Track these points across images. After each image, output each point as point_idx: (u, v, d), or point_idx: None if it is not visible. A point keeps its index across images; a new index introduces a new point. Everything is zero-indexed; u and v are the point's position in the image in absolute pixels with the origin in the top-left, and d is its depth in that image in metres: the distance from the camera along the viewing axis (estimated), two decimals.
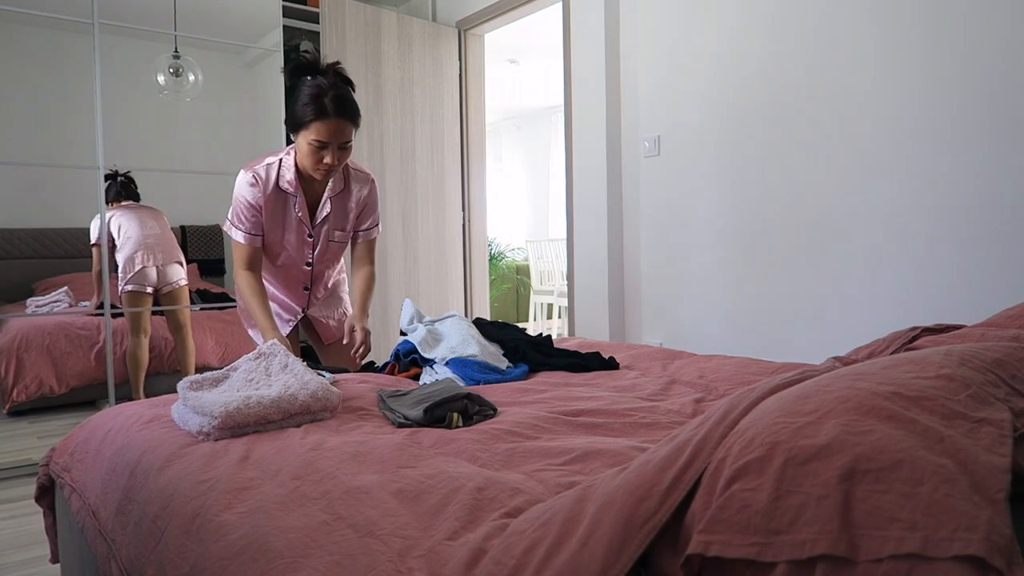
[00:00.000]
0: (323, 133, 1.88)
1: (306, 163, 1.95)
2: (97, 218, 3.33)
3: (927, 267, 2.24)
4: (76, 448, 1.55)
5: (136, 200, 3.48)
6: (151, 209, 3.51)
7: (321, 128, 1.88)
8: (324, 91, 1.87)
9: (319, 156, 1.92)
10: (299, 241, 2.13)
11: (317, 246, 2.16)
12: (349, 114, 1.91)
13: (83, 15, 3.04)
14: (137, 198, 3.49)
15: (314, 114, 1.87)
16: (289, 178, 2.03)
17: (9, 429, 3.21)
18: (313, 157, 1.92)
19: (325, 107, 1.87)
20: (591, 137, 3.36)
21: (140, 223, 3.43)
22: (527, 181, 8.77)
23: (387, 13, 4.00)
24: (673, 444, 0.78)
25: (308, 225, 2.11)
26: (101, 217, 3.18)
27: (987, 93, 2.09)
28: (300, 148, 1.94)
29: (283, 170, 2.03)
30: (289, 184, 2.03)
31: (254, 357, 1.61)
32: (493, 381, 1.80)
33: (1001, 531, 0.53)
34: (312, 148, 1.91)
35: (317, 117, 1.87)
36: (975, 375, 0.75)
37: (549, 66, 6.46)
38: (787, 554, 0.60)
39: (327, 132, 1.88)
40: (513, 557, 0.75)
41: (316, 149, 1.91)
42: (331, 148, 1.91)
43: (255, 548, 0.88)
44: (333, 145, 1.91)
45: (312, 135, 1.89)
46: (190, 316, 3.58)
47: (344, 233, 2.18)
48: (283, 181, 2.03)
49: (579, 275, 3.48)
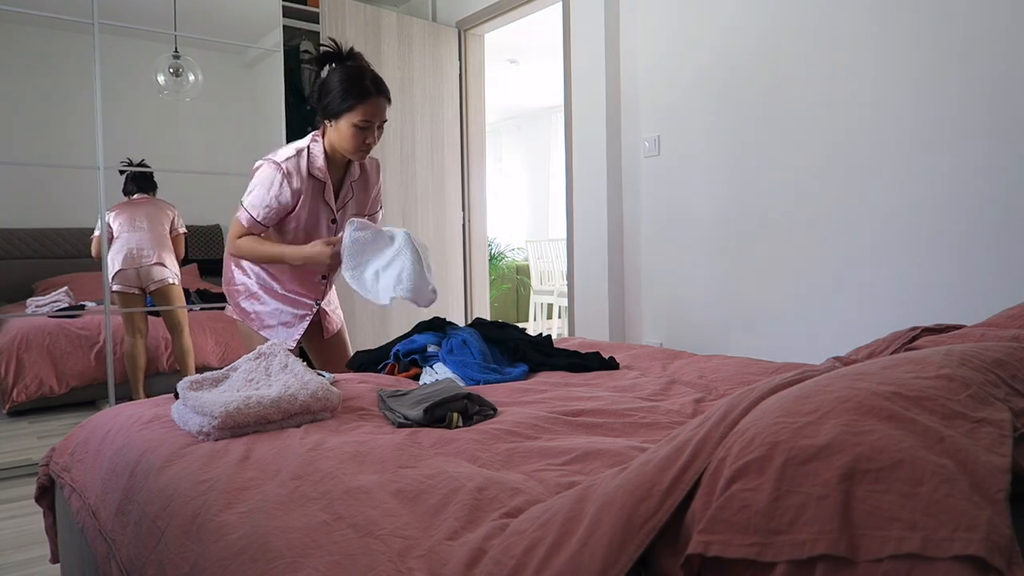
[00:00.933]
0: (369, 113, 1.96)
1: (348, 146, 2.01)
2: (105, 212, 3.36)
3: (927, 267, 2.24)
4: (76, 448, 1.55)
5: (152, 193, 3.50)
6: (154, 205, 3.50)
7: (367, 108, 1.96)
8: (363, 73, 1.97)
9: (362, 137, 1.99)
10: (325, 227, 2.17)
11: (340, 231, 2.18)
12: (387, 93, 2.02)
13: (83, 15, 3.04)
14: (153, 190, 3.50)
15: (358, 96, 1.95)
16: (320, 165, 2.07)
17: (9, 429, 3.21)
18: (356, 139, 1.99)
19: (367, 88, 1.96)
20: (591, 137, 3.36)
21: (132, 223, 3.42)
22: (527, 181, 8.77)
23: (387, 13, 4.00)
24: (673, 444, 0.78)
25: (334, 211, 2.16)
26: (101, 216, 3.18)
27: (988, 92, 2.09)
28: (342, 131, 2.00)
29: (313, 157, 2.07)
30: (320, 171, 2.08)
31: (254, 357, 1.61)
32: (493, 381, 1.80)
33: (1001, 531, 0.53)
34: (356, 130, 1.98)
35: (362, 98, 1.95)
36: (975, 375, 0.75)
37: (549, 66, 6.45)
38: (787, 554, 0.60)
39: (372, 111, 1.97)
40: (513, 557, 0.75)
41: (360, 130, 1.98)
42: (373, 128, 2.00)
43: (255, 548, 0.88)
44: (375, 124, 2.00)
45: (358, 116, 1.96)
46: (187, 316, 3.57)
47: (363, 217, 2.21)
48: (315, 168, 2.07)
49: (579, 275, 3.48)
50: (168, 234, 3.55)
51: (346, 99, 1.95)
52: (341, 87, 1.96)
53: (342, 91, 1.96)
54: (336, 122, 2.00)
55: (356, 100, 1.95)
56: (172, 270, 3.53)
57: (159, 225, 3.51)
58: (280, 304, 2.22)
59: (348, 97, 1.95)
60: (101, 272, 3.23)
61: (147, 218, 3.47)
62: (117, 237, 3.37)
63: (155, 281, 3.46)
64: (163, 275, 3.48)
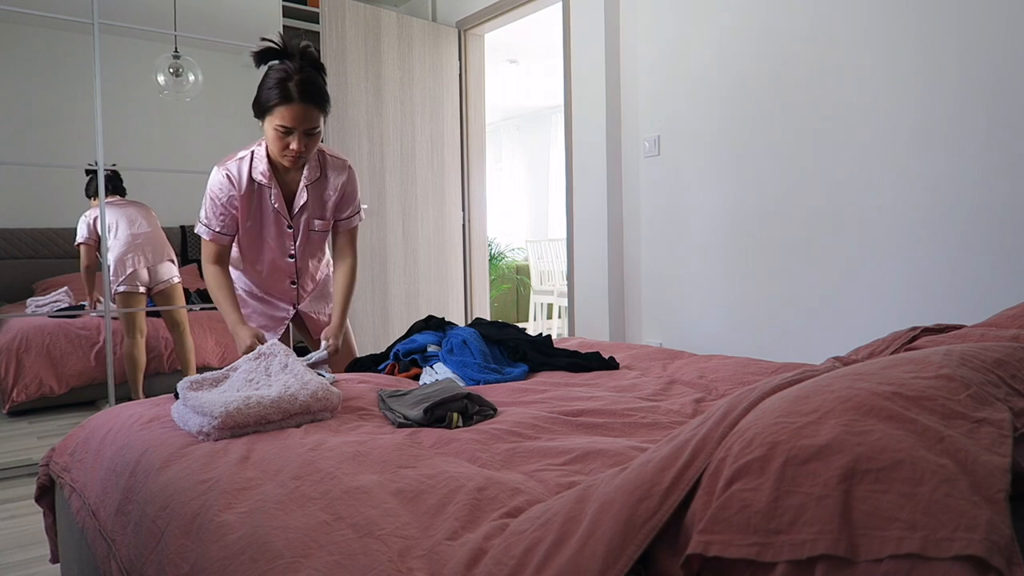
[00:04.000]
0: (287, 118, 1.84)
1: (273, 149, 1.92)
2: (83, 217, 3.33)
3: (927, 267, 2.24)
4: (76, 448, 1.55)
5: (122, 195, 3.45)
6: (139, 205, 3.47)
7: (286, 113, 1.84)
8: (290, 75, 1.84)
9: (285, 142, 1.89)
10: (279, 233, 2.10)
11: (298, 237, 2.13)
12: (316, 99, 1.87)
13: (83, 15, 3.04)
14: (123, 193, 3.45)
15: (279, 98, 1.83)
16: (262, 169, 1.99)
17: (9, 429, 3.21)
18: (279, 143, 1.89)
19: (290, 91, 1.83)
20: (591, 137, 3.36)
21: (129, 221, 3.40)
22: (527, 181, 8.76)
23: (387, 13, 4.00)
24: (673, 444, 0.78)
25: (287, 216, 2.08)
26: (101, 216, 3.17)
27: (988, 92, 2.09)
28: (267, 134, 1.91)
29: (255, 162, 2.00)
30: (263, 175, 2.00)
31: (254, 357, 1.61)
32: (493, 381, 1.80)
33: (1001, 531, 0.53)
34: (278, 134, 1.87)
35: (281, 101, 1.83)
36: (975, 375, 0.75)
37: (549, 66, 6.45)
38: (787, 554, 0.60)
39: (292, 117, 1.84)
40: (513, 557, 0.75)
41: (282, 135, 1.87)
42: (297, 134, 1.87)
43: (255, 548, 0.88)
44: (299, 131, 1.87)
45: (277, 120, 1.85)
46: (187, 315, 3.57)
47: (324, 222, 2.14)
48: (256, 173, 2.00)
49: (579, 275, 3.48)
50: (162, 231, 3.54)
51: (268, 100, 1.85)
52: (267, 86, 1.86)
53: (266, 91, 1.86)
54: (262, 123, 1.91)
55: (276, 102, 1.84)
56: (176, 268, 3.54)
57: (154, 223, 3.50)
58: (259, 306, 2.24)
59: (270, 98, 1.84)
60: (101, 272, 3.22)
61: (141, 216, 3.45)
62: (118, 239, 3.36)
63: (162, 280, 3.47)
64: (171, 273, 3.50)
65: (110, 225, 3.36)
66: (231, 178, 1.99)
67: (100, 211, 3.16)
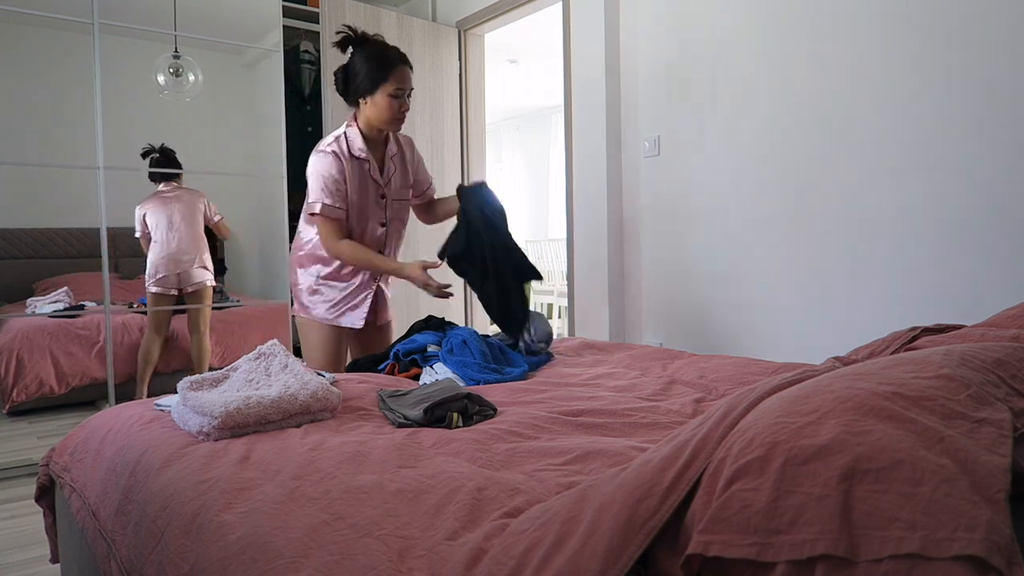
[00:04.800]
0: (402, 80, 2.15)
1: (386, 116, 2.16)
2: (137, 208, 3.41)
3: (927, 267, 2.24)
4: (76, 448, 1.55)
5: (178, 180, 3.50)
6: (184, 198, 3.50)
7: (400, 76, 2.14)
8: (386, 47, 2.16)
9: (398, 105, 2.16)
10: (375, 203, 2.27)
11: (389, 206, 2.31)
12: (409, 61, 2.21)
13: (83, 15, 3.03)
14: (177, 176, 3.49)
15: (389, 66, 2.13)
16: (360, 145, 2.21)
17: (9, 429, 3.21)
18: (393, 108, 2.15)
19: (394, 58, 2.14)
20: (591, 137, 3.35)
21: (169, 222, 3.44)
22: (527, 181, 8.76)
23: (387, 13, 4.00)
24: (673, 444, 0.78)
25: (381, 185, 2.27)
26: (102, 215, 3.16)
27: (988, 92, 2.09)
28: (379, 104, 2.15)
29: (351, 140, 2.21)
30: (361, 151, 2.21)
31: (254, 357, 1.61)
32: (493, 381, 1.80)
33: (1001, 531, 0.53)
34: (391, 100, 2.14)
35: (393, 67, 2.13)
36: (975, 375, 0.75)
37: (549, 66, 6.45)
38: (787, 554, 0.60)
39: (404, 78, 2.15)
40: (513, 557, 0.75)
41: (395, 99, 2.14)
42: (405, 95, 2.17)
43: (255, 548, 0.88)
44: (407, 91, 2.17)
45: (393, 86, 2.13)
46: (208, 318, 3.59)
47: (407, 190, 2.37)
48: (355, 149, 2.20)
49: (579, 275, 3.48)
50: (203, 229, 3.57)
51: (379, 72, 2.11)
52: (371, 63, 2.12)
53: (373, 67, 2.12)
54: (372, 97, 2.14)
55: (388, 70, 2.11)
56: (210, 271, 3.58)
57: (195, 222, 3.54)
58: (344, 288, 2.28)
59: (381, 70, 2.11)
60: (101, 272, 3.22)
61: (182, 216, 3.49)
62: (155, 240, 3.41)
63: (193, 283, 3.51)
64: (202, 278, 3.54)
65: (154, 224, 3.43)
66: (339, 155, 2.17)
67: (100, 212, 3.16)
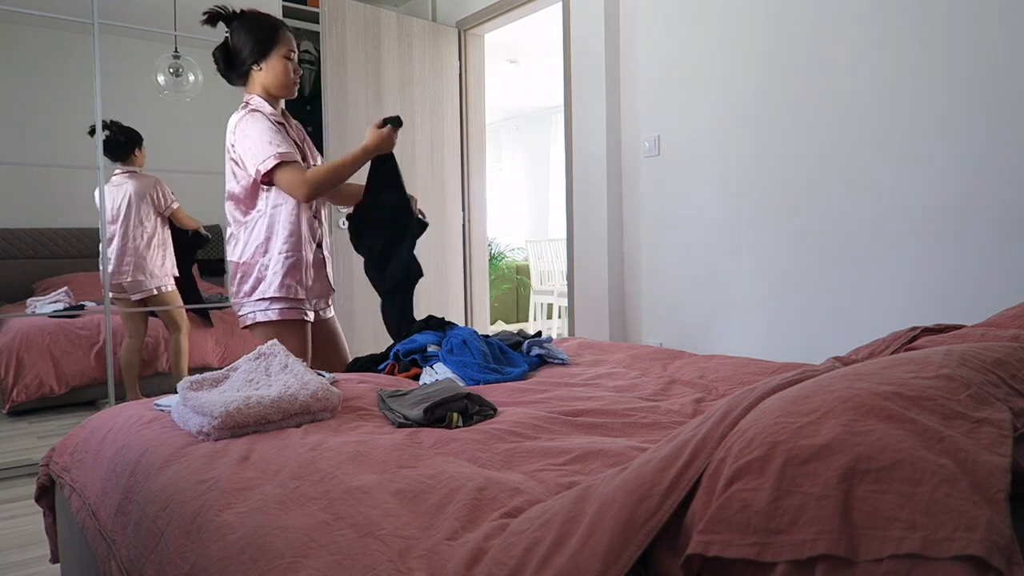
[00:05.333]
0: (291, 42, 2.11)
1: (283, 80, 2.11)
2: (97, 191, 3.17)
3: (927, 267, 2.24)
4: (76, 448, 1.55)
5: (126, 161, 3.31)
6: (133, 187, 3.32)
7: (288, 39, 2.11)
8: (266, 15, 2.12)
9: (291, 67, 2.11)
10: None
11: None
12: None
13: (83, 15, 3.04)
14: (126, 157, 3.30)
15: (277, 29, 2.09)
16: (270, 110, 2.12)
17: (9, 429, 3.21)
18: (287, 71, 2.10)
19: (278, 23, 2.11)
20: (591, 137, 3.36)
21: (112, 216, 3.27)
22: (527, 181, 8.77)
23: (387, 13, 4.00)
24: (673, 444, 0.78)
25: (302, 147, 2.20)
26: (102, 216, 3.16)
27: (988, 92, 2.09)
28: (276, 69, 2.09)
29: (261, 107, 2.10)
30: (274, 115, 2.12)
31: (254, 357, 1.61)
32: (493, 381, 1.80)
33: (1001, 531, 0.53)
34: (285, 63, 2.09)
35: (280, 30, 2.09)
36: (975, 375, 0.75)
37: (549, 66, 6.45)
38: (787, 554, 0.60)
39: (292, 41, 2.12)
40: (513, 557, 0.75)
41: (289, 61, 2.10)
42: (296, 57, 2.13)
43: (255, 548, 0.88)
44: (297, 54, 2.14)
45: (285, 47, 2.09)
46: (185, 316, 3.51)
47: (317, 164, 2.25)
48: (269, 114, 2.10)
49: (579, 275, 3.48)
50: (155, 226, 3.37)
51: (269, 36, 2.07)
52: (257, 32, 2.06)
53: (261, 34, 2.06)
54: (266, 62, 2.08)
55: (276, 33, 2.08)
56: (155, 277, 3.39)
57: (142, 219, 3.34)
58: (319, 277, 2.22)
59: (270, 34, 2.07)
60: (101, 272, 3.22)
61: (125, 215, 3.31)
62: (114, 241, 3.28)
63: (140, 292, 3.36)
64: (146, 287, 3.37)
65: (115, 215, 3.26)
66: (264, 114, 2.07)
67: (100, 211, 3.16)
